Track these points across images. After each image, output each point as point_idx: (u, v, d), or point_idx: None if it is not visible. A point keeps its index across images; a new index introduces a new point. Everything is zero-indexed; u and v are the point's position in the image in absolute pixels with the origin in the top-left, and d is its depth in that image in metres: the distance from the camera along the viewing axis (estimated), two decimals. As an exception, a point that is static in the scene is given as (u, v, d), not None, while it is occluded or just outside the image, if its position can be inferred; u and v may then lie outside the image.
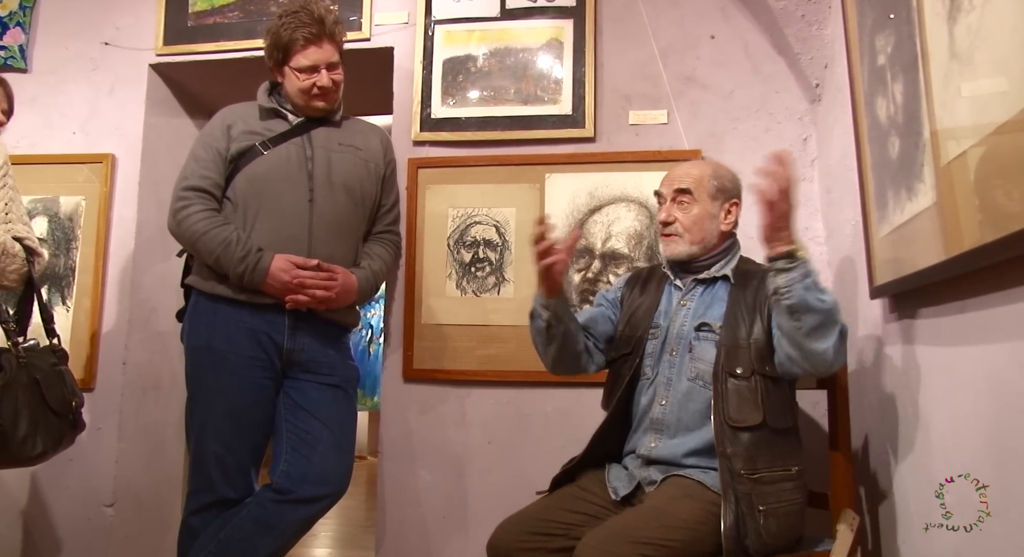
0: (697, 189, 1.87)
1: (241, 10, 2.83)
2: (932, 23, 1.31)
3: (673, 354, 1.83)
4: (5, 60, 2.90)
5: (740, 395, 1.72)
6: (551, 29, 2.60)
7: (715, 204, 1.88)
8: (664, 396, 1.81)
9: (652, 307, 1.92)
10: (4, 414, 1.69)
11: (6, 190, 1.85)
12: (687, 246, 1.87)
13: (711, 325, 1.80)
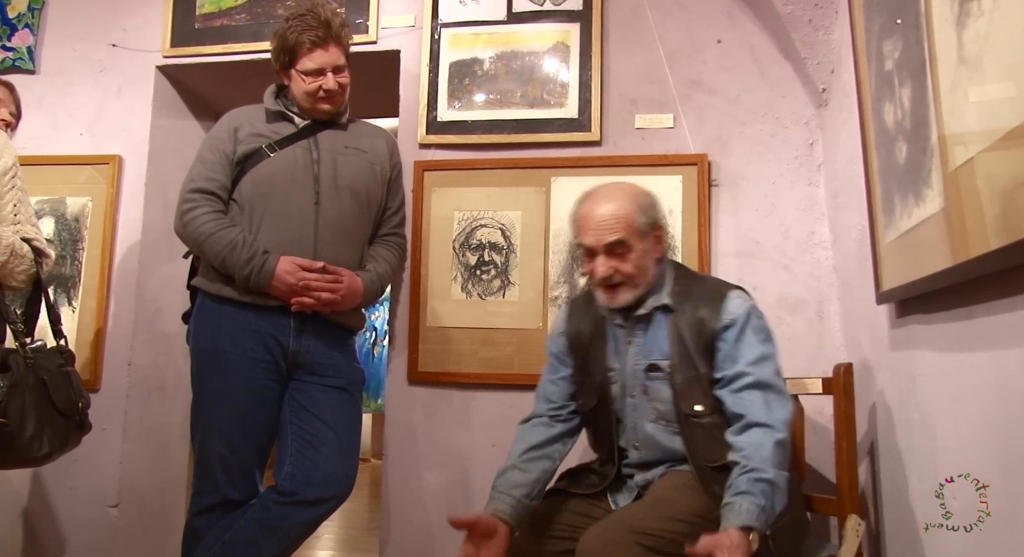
0: (629, 235, 1.71)
1: (248, 12, 2.84)
2: (940, 28, 1.31)
3: (632, 397, 1.79)
4: (13, 61, 2.91)
5: (708, 435, 1.69)
6: (557, 33, 2.60)
7: (647, 240, 1.75)
8: (635, 440, 1.80)
9: (601, 348, 1.84)
10: (11, 415, 1.70)
11: (15, 191, 1.86)
12: (633, 293, 1.74)
13: (659, 366, 1.75)
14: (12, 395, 1.70)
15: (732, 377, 1.68)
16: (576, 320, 1.89)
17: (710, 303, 1.74)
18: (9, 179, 1.84)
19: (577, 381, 1.87)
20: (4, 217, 1.82)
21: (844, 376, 1.87)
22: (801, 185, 2.42)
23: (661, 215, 1.81)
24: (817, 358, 2.31)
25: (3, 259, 1.76)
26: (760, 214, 2.43)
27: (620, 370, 1.81)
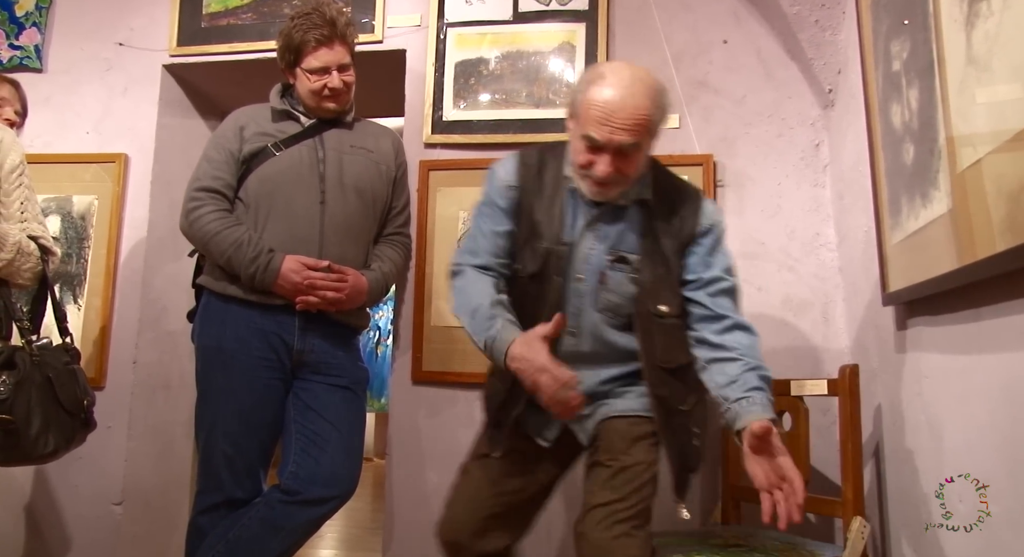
0: (643, 139, 1.59)
1: (255, 12, 2.84)
2: (949, 29, 1.30)
3: (581, 279, 1.67)
4: (21, 60, 2.92)
5: (668, 336, 1.67)
6: (563, 33, 2.60)
7: (654, 138, 1.64)
8: (575, 326, 1.67)
9: (556, 217, 1.68)
10: (17, 412, 1.70)
11: (22, 189, 1.86)
12: (623, 189, 1.65)
13: (628, 259, 1.67)
14: (18, 392, 1.71)
15: (709, 280, 1.67)
16: (528, 177, 1.73)
17: (689, 205, 1.72)
18: (16, 177, 1.85)
19: (520, 242, 1.71)
20: (11, 215, 1.82)
21: (850, 378, 1.86)
22: (807, 186, 2.41)
23: (667, 113, 1.66)
24: (822, 359, 2.31)
25: (9, 257, 1.76)
26: (766, 215, 2.42)
27: (575, 248, 1.67)
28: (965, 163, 1.27)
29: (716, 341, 1.63)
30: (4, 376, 1.71)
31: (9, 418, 1.69)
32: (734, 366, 1.58)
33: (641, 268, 1.66)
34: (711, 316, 1.65)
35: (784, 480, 1.46)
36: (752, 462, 1.49)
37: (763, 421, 1.47)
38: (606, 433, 1.69)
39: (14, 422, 1.69)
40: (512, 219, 1.72)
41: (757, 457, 1.49)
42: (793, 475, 1.46)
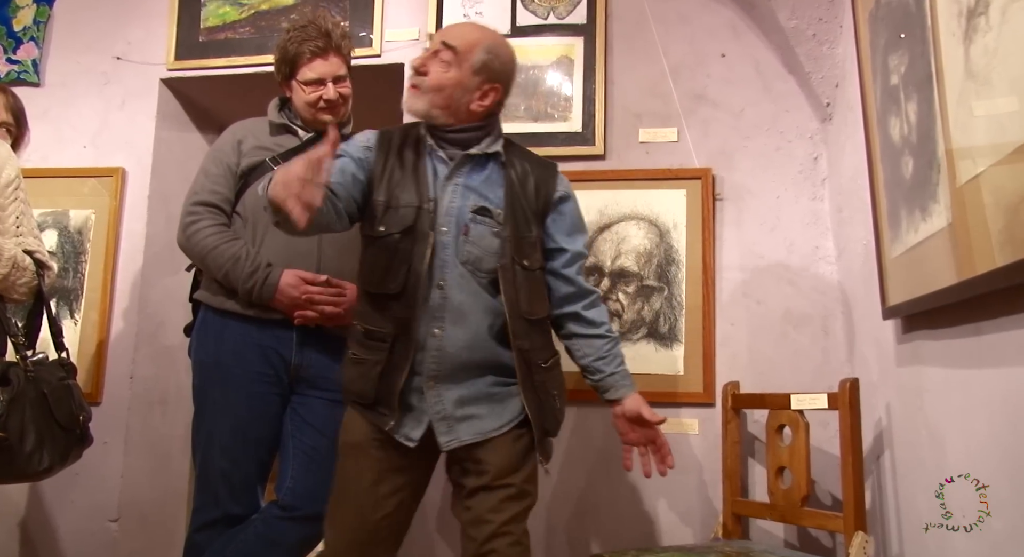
0: (464, 53, 1.71)
1: (252, 26, 2.84)
2: (947, 43, 1.30)
3: (445, 231, 1.71)
4: (18, 74, 2.92)
5: (531, 288, 1.75)
6: (561, 46, 2.60)
7: (474, 79, 1.72)
8: (442, 278, 1.70)
9: (418, 176, 1.75)
10: (11, 428, 1.69)
11: (17, 204, 1.85)
12: (426, 107, 1.73)
13: (491, 211, 1.74)
14: (12, 409, 1.69)
15: (576, 254, 1.84)
16: (385, 145, 1.80)
17: (544, 169, 1.85)
18: (12, 191, 1.84)
19: (380, 204, 1.74)
20: (6, 229, 1.81)
21: (850, 391, 1.86)
22: (805, 199, 2.41)
23: (506, 76, 1.79)
24: (822, 373, 2.30)
25: (4, 271, 1.75)
26: (765, 228, 2.42)
27: (437, 201, 1.73)
28: (965, 177, 1.26)
29: (588, 316, 1.84)
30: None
31: (3, 435, 1.67)
32: (602, 341, 1.84)
33: (504, 222, 1.74)
34: (580, 291, 1.84)
35: (653, 442, 1.84)
36: (623, 423, 1.85)
37: (636, 397, 1.83)
38: (490, 456, 1.71)
39: (8, 439, 1.68)
40: (363, 171, 1.76)
41: (629, 423, 1.84)
42: (663, 439, 1.84)
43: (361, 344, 1.75)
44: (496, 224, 1.73)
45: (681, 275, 2.41)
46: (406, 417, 1.72)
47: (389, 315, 1.70)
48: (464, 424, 1.72)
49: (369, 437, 1.75)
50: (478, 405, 1.73)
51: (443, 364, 1.70)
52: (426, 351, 1.70)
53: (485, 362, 1.73)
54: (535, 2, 2.65)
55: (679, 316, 2.40)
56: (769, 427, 2.09)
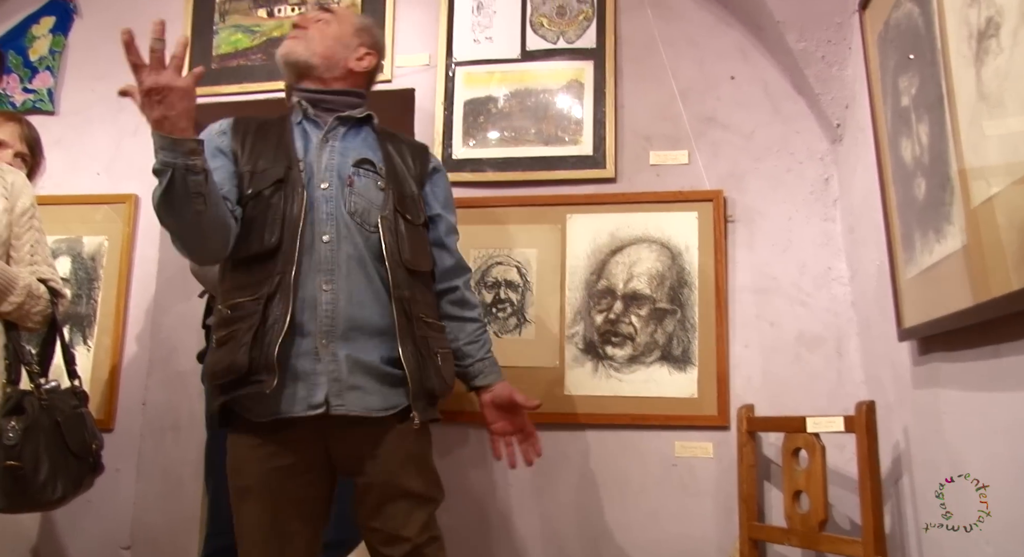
0: (342, 14, 1.89)
1: (263, 52, 2.87)
2: (958, 65, 1.30)
3: (326, 187, 1.69)
4: (34, 103, 2.96)
5: (413, 240, 1.74)
6: (571, 70, 2.62)
7: (353, 39, 1.85)
8: (327, 231, 1.66)
9: (283, 144, 1.74)
10: (25, 458, 1.68)
11: (32, 232, 1.86)
12: (307, 53, 1.80)
13: (374, 164, 1.76)
14: (27, 438, 1.69)
15: (451, 226, 1.89)
16: (243, 125, 1.80)
17: (414, 144, 1.93)
18: (27, 220, 1.86)
19: (246, 173, 1.70)
20: (21, 258, 1.83)
21: (867, 414, 1.84)
22: (817, 220, 2.40)
23: (380, 48, 1.93)
24: (837, 395, 2.28)
25: (19, 300, 1.76)
26: (777, 249, 2.41)
27: (312, 164, 1.72)
28: (979, 198, 1.26)
29: (466, 297, 1.87)
30: (13, 422, 1.69)
31: (17, 464, 1.67)
32: (474, 325, 1.87)
33: (387, 177, 1.76)
34: (461, 265, 1.90)
35: (522, 431, 1.84)
36: (492, 411, 1.84)
37: (505, 383, 1.85)
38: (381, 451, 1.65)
39: (22, 468, 1.68)
40: (227, 157, 1.73)
41: (498, 410, 1.83)
42: (532, 428, 1.85)
43: (227, 322, 1.63)
44: (379, 176, 1.75)
45: (694, 297, 2.40)
46: (300, 384, 1.60)
47: (265, 274, 1.61)
48: (354, 393, 1.62)
49: (266, 473, 1.63)
50: (367, 377, 1.64)
51: (336, 320, 1.62)
52: (318, 307, 1.61)
53: (377, 326, 1.66)
54: (544, 27, 2.66)
55: (692, 339, 2.39)
56: (785, 450, 2.07)
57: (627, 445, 2.39)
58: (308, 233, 1.65)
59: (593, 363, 2.44)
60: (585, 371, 2.43)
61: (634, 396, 2.39)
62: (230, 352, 1.59)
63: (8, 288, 1.74)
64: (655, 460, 2.37)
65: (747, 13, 2.46)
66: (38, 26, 3.02)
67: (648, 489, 2.36)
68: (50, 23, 3.01)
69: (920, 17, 1.50)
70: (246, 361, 1.56)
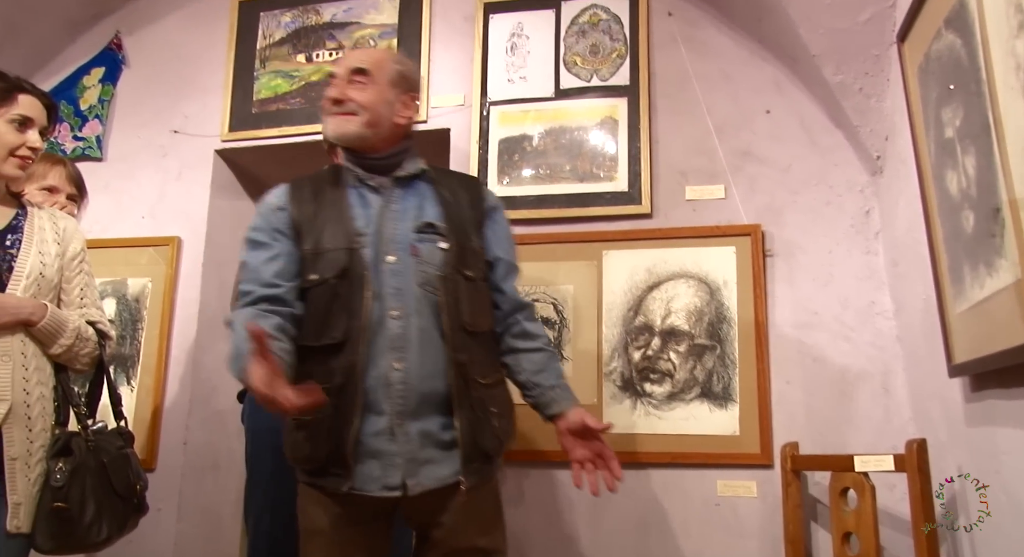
0: (376, 71, 1.74)
1: (303, 96, 2.93)
2: (1005, 96, 1.28)
3: (393, 260, 1.66)
4: (83, 150, 3.04)
5: (472, 299, 1.70)
6: (605, 107, 2.63)
7: (393, 91, 1.75)
8: (396, 307, 1.63)
9: (342, 215, 1.70)
10: (72, 499, 1.69)
11: (83, 276, 1.90)
12: (360, 127, 1.71)
13: (436, 225, 1.71)
14: (74, 480, 1.71)
15: (510, 266, 1.84)
16: (299, 195, 1.76)
17: (468, 181, 1.90)
18: (77, 264, 1.90)
19: (308, 253, 1.68)
20: (71, 301, 1.86)
21: (918, 453, 1.79)
22: (859, 253, 2.36)
23: (417, 85, 1.86)
24: (884, 433, 2.22)
25: (69, 343, 1.79)
26: (818, 284, 2.37)
27: (374, 234, 1.68)
28: (1032, 231, 1.23)
29: (528, 328, 1.82)
30: (61, 463, 1.71)
31: (64, 506, 1.68)
32: (541, 355, 1.81)
33: (446, 234, 1.71)
34: (520, 303, 1.84)
35: (600, 456, 1.75)
36: (569, 439, 1.75)
37: (578, 409, 1.76)
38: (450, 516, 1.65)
39: (69, 510, 1.69)
40: (288, 238, 1.71)
41: (574, 438, 1.75)
42: (609, 452, 1.75)
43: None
44: (439, 237, 1.71)
45: (733, 333, 2.37)
46: (375, 464, 1.60)
47: (334, 366, 1.61)
48: (426, 468, 1.62)
49: (332, 519, 1.64)
50: (434, 448, 1.63)
51: (408, 398, 1.62)
52: (391, 386, 1.61)
53: (441, 394, 1.64)
54: (578, 65, 2.69)
55: (732, 375, 2.35)
56: (832, 490, 2.02)
57: (668, 484, 2.35)
58: (376, 312, 1.63)
59: (631, 400, 2.41)
60: (624, 408, 2.40)
61: (674, 434, 2.35)
62: (308, 442, 1.63)
63: (59, 331, 1.77)
64: (697, 500, 2.32)
65: (782, 47, 2.46)
66: (89, 77, 3.13)
67: (690, 530, 2.31)
68: (100, 73, 3.12)
69: (963, 49, 1.48)
70: (323, 456, 1.62)
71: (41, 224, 1.85)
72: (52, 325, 1.76)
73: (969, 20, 1.44)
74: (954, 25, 1.53)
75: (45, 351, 1.78)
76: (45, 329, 1.75)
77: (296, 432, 1.66)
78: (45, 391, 1.77)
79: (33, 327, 1.74)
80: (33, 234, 1.82)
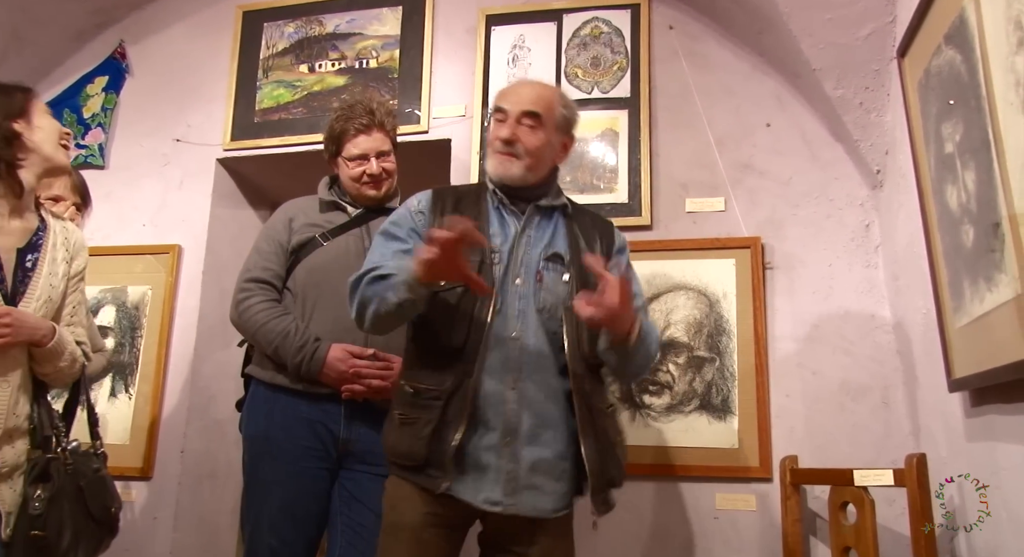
0: (547, 115, 1.76)
1: (305, 106, 2.94)
2: (1005, 112, 1.29)
3: (520, 283, 1.70)
4: (86, 158, 3.05)
5: (591, 331, 1.69)
6: (606, 119, 2.63)
7: (557, 135, 1.79)
8: (516, 328, 1.67)
9: (483, 228, 1.73)
10: (50, 526, 1.66)
11: (77, 294, 1.89)
12: (523, 171, 1.74)
13: (561, 256, 1.75)
14: (52, 507, 1.68)
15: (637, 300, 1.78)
16: (440, 204, 1.80)
17: (602, 223, 1.90)
18: (76, 282, 1.88)
19: None
20: (61, 317, 1.85)
21: (918, 467, 1.78)
22: (859, 267, 2.37)
23: (575, 124, 1.86)
24: (884, 447, 2.22)
25: (65, 365, 1.79)
26: (818, 297, 2.37)
27: (507, 254, 1.72)
28: (1031, 246, 1.23)
29: None
30: (39, 490, 1.67)
31: (42, 534, 1.65)
32: None
33: (571, 266, 1.73)
34: None
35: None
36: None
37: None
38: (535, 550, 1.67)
39: (47, 537, 1.65)
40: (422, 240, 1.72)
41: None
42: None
43: (410, 404, 1.69)
44: (565, 269, 1.74)
45: (732, 345, 2.37)
46: (476, 475, 1.63)
47: (447, 372, 1.65)
48: (528, 493, 1.64)
49: (420, 517, 1.66)
50: (544, 476, 1.66)
51: (520, 419, 1.64)
52: (505, 405, 1.64)
53: (557, 421, 1.67)
54: (579, 77, 2.70)
55: (732, 387, 2.34)
56: (832, 504, 2.01)
57: (666, 497, 2.34)
58: (497, 329, 1.66)
59: (630, 412, 2.40)
60: (622, 420, 2.39)
61: (673, 446, 2.35)
62: (411, 439, 1.65)
63: (60, 354, 1.77)
64: (696, 513, 2.31)
65: (783, 61, 2.47)
66: (92, 85, 3.14)
67: (689, 543, 2.30)
68: (103, 82, 3.13)
69: (963, 64, 1.48)
70: (424, 453, 1.63)
71: (55, 241, 1.83)
72: (57, 348, 1.75)
73: (969, 36, 1.44)
74: (954, 41, 1.54)
75: (37, 370, 1.77)
76: (51, 351, 1.75)
77: (400, 428, 1.69)
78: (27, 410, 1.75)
79: (40, 348, 1.73)
80: (47, 253, 1.80)
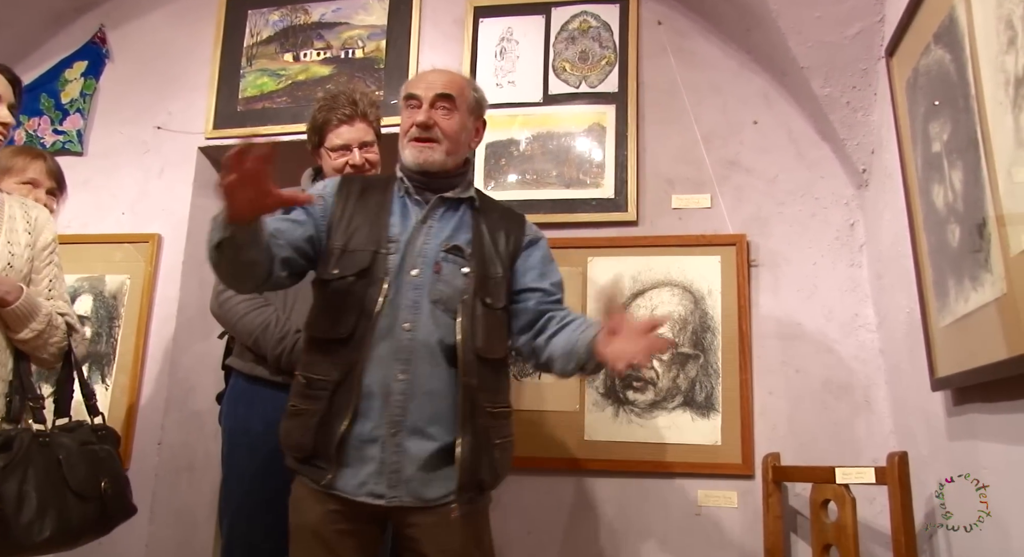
0: (460, 98, 1.76)
1: (289, 96, 2.91)
2: (994, 111, 1.29)
3: (416, 274, 1.68)
4: (63, 144, 3.00)
5: (490, 326, 1.69)
6: (593, 114, 2.62)
7: (470, 118, 1.80)
8: (409, 319, 1.65)
9: (380, 221, 1.73)
10: (6, 497, 1.59)
11: (52, 267, 1.86)
12: (443, 155, 1.74)
13: (463, 249, 1.72)
14: (9, 476, 1.61)
15: (551, 290, 1.80)
16: (345, 191, 1.78)
17: (513, 217, 1.87)
18: (48, 255, 1.85)
19: (336, 250, 1.71)
20: (39, 292, 1.81)
21: (900, 465, 1.79)
22: (843, 266, 2.37)
23: (485, 108, 1.87)
24: (865, 445, 2.23)
25: (41, 328, 1.73)
26: (802, 295, 2.38)
27: (404, 244, 1.70)
28: (1018, 246, 1.23)
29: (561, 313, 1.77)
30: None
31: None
32: (575, 323, 1.72)
33: (471, 259, 1.72)
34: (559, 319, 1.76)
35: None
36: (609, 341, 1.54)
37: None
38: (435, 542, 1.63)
39: (1, 509, 1.58)
40: (311, 222, 1.73)
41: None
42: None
43: (301, 394, 1.67)
44: (465, 262, 1.71)
45: (717, 342, 2.37)
46: (360, 468, 1.61)
47: (335, 361, 1.63)
48: (411, 484, 1.61)
49: (321, 516, 1.63)
50: (426, 467, 1.62)
51: (406, 412, 1.61)
52: (390, 397, 1.61)
53: (444, 415, 1.63)
54: (567, 71, 2.68)
55: (715, 384, 2.35)
56: (813, 502, 2.01)
57: (649, 493, 2.34)
58: (388, 320, 1.64)
59: (614, 408, 2.40)
60: (605, 416, 2.39)
61: (656, 442, 2.35)
62: (299, 430, 1.65)
63: (31, 315, 1.72)
64: (678, 509, 2.31)
65: (771, 59, 2.47)
66: (71, 70, 3.08)
67: (671, 539, 2.30)
68: (83, 67, 3.08)
69: (952, 64, 1.48)
70: (311, 444, 1.63)
71: (12, 213, 1.80)
72: (26, 307, 1.70)
73: (959, 35, 1.44)
74: (943, 40, 1.54)
75: (12, 336, 1.72)
76: (18, 311, 1.69)
77: (291, 419, 1.68)
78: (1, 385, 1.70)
79: (6, 308, 1.68)
80: (3, 223, 1.77)
